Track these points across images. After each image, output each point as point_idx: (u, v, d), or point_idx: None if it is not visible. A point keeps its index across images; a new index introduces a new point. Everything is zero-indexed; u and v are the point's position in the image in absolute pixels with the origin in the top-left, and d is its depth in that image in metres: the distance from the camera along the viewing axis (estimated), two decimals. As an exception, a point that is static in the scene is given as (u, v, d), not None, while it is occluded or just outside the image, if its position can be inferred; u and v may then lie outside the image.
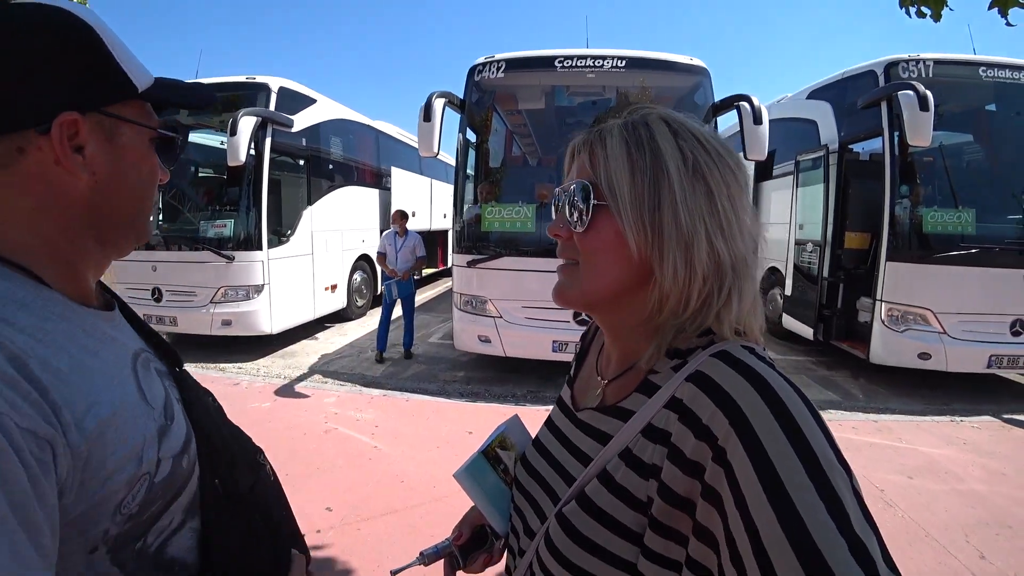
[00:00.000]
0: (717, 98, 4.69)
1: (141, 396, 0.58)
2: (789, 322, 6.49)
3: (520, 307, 4.91)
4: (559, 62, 4.35)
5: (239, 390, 4.86)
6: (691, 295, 0.57)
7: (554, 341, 4.78)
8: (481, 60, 4.69)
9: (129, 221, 0.64)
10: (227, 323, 5.69)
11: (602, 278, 0.62)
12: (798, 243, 6.33)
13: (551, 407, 0.83)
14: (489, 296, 5.00)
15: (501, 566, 0.81)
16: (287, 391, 4.84)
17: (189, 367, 0.74)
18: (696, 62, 4.66)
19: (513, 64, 4.54)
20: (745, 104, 4.35)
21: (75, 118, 0.53)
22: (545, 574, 0.61)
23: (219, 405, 0.79)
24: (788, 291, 6.56)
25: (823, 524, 0.41)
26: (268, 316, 5.82)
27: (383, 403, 4.61)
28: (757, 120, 4.25)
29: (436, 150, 4.50)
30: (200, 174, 6.48)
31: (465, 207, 5.23)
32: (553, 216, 0.69)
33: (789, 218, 6.49)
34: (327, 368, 5.72)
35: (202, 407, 0.71)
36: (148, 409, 0.59)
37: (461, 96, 4.81)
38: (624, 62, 4.35)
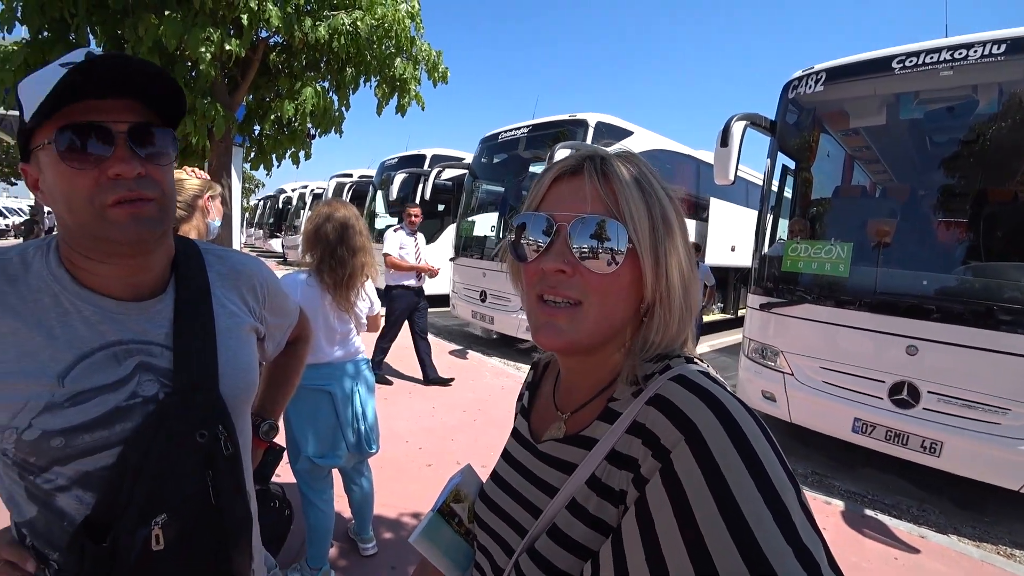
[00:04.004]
0: None
1: (56, 377, 0.68)
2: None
3: (817, 367, 3.99)
4: (898, 62, 3.27)
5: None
6: (684, 333, 0.62)
7: (856, 419, 3.70)
8: (797, 74, 4.00)
9: (78, 227, 0.69)
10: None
11: (609, 321, 0.60)
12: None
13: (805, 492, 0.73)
14: (781, 348, 4.24)
15: None
16: (559, 399, 5.22)
17: (495, 361, 0.90)
18: None
19: (836, 73, 3.67)
20: None
21: (23, 167, 0.71)
22: None
23: (223, 447, 0.77)
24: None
25: (770, 532, 0.42)
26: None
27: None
28: None
29: (732, 178, 4.11)
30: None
31: (766, 242, 4.57)
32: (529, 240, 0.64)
33: None
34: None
35: (152, 433, 0.71)
36: (53, 387, 0.68)
37: (772, 118, 4.25)
38: (1003, 47, 2.93)
